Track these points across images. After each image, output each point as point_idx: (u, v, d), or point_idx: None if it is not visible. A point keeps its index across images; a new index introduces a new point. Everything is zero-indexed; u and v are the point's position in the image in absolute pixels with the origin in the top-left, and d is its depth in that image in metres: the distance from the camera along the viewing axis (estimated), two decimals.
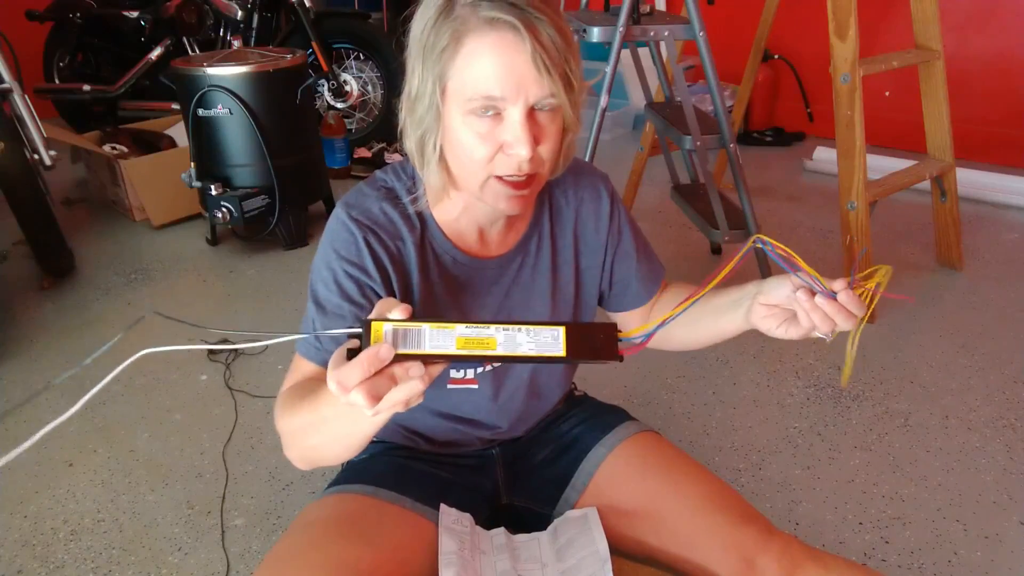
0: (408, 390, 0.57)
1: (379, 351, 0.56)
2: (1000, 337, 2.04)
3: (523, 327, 0.60)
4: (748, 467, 1.57)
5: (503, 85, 0.70)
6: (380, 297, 0.82)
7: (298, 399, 0.75)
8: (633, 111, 4.04)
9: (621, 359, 0.62)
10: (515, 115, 0.71)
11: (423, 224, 0.86)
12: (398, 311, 0.58)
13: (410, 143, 0.80)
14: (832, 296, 0.70)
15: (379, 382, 0.56)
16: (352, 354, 0.57)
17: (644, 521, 0.90)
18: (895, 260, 2.49)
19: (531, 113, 0.72)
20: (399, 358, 0.57)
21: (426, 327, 0.58)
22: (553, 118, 0.75)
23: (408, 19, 0.77)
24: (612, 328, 0.61)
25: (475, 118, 0.72)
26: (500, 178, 0.75)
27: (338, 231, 0.83)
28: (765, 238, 0.70)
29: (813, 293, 0.72)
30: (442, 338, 0.58)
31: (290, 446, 0.78)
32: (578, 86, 0.75)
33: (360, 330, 0.58)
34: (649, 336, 0.63)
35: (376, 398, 0.56)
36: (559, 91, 0.72)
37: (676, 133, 2.07)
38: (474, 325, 0.59)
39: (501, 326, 0.59)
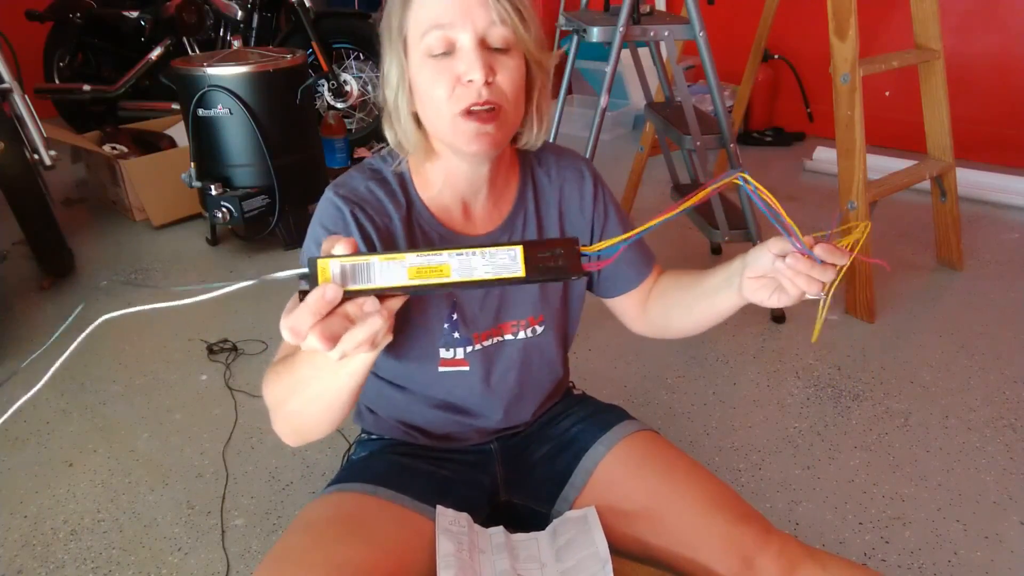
0: (368, 328, 0.55)
1: (325, 292, 0.53)
2: (1000, 337, 2.04)
3: (478, 250, 0.56)
4: (748, 467, 1.57)
5: (450, 13, 0.75)
6: None
7: (280, 367, 0.75)
8: (633, 111, 4.03)
9: (586, 275, 0.59)
10: (465, 42, 0.75)
11: (408, 201, 0.88)
12: (342, 245, 0.56)
13: (388, 125, 0.84)
14: (809, 253, 0.71)
15: (332, 322, 0.54)
16: (304, 297, 0.55)
17: (643, 520, 0.90)
18: (895, 260, 2.49)
19: (483, 44, 0.76)
20: (350, 295, 0.54)
21: (375, 259, 0.55)
22: (511, 55, 0.78)
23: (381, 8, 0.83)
24: (573, 242, 0.58)
25: (430, 59, 0.76)
26: (465, 114, 0.77)
27: (326, 208, 0.86)
28: (748, 177, 0.68)
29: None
30: (392, 269, 0.55)
31: (276, 416, 0.78)
32: (530, 18, 0.78)
33: (307, 271, 0.55)
34: (615, 253, 0.60)
35: (332, 339, 0.54)
36: (511, 17, 0.76)
37: (676, 133, 2.07)
38: (426, 252, 0.56)
39: (455, 251, 0.56)
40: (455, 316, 0.90)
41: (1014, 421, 1.70)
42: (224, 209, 2.44)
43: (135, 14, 3.49)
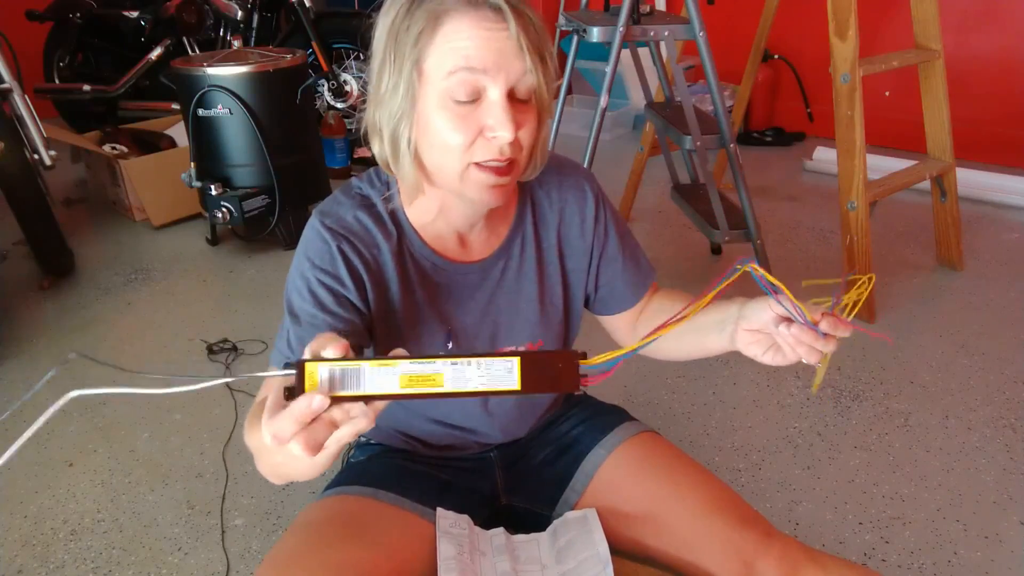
0: (352, 427, 0.53)
1: (311, 403, 0.51)
2: (1000, 337, 2.04)
3: (474, 360, 0.55)
4: (748, 467, 1.57)
5: (483, 58, 0.70)
6: (355, 307, 0.81)
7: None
8: (633, 111, 4.03)
9: (583, 388, 0.57)
10: (496, 95, 0.71)
11: (399, 230, 0.85)
12: (332, 348, 0.54)
13: (379, 143, 0.79)
14: (814, 328, 0.69)
15: (316, 430, 0.52)
16: (290, 393, 0.53)
17: (643, 523, 0.89)
18: (895, 260, 2.49)
19: (511, 96, 0.72)
20: (337, 400, 0.53)
21: (365, 366, 0.53)
22: (529, 107, 0.75)
23: (376, 9, 0.78)
24: (574, 356, 0.56)
25: (453, 103, 0.71)
26: (480, 165, 0.73)
27: (312, 240, 0.83)
28: (755, 266, 0.66)
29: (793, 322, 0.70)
30: (383, 377, 0.54)
31: (259, 462, 0.73)
32: (554, 70, 0.76)
33: (295, 372, 0.53)
34: (614, 365, 0.58)
35: (315, 447, 0.53)
36: (537, 71, 0.72)
37: (676, 133, 2.07)
38: (419, 360, 0.54)
39: (449, 360, 0.55)
40: (450, 344, 0.88)
41: (1014, 421, 1.70)
42: (224, 209, 2.44)
43: (135, 14, 3.49)
